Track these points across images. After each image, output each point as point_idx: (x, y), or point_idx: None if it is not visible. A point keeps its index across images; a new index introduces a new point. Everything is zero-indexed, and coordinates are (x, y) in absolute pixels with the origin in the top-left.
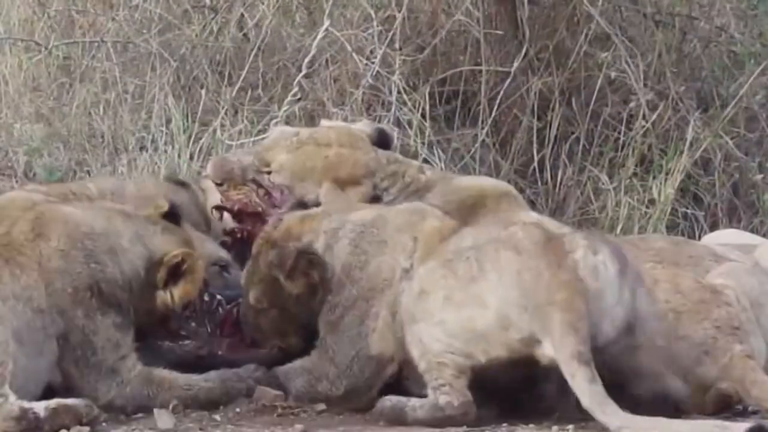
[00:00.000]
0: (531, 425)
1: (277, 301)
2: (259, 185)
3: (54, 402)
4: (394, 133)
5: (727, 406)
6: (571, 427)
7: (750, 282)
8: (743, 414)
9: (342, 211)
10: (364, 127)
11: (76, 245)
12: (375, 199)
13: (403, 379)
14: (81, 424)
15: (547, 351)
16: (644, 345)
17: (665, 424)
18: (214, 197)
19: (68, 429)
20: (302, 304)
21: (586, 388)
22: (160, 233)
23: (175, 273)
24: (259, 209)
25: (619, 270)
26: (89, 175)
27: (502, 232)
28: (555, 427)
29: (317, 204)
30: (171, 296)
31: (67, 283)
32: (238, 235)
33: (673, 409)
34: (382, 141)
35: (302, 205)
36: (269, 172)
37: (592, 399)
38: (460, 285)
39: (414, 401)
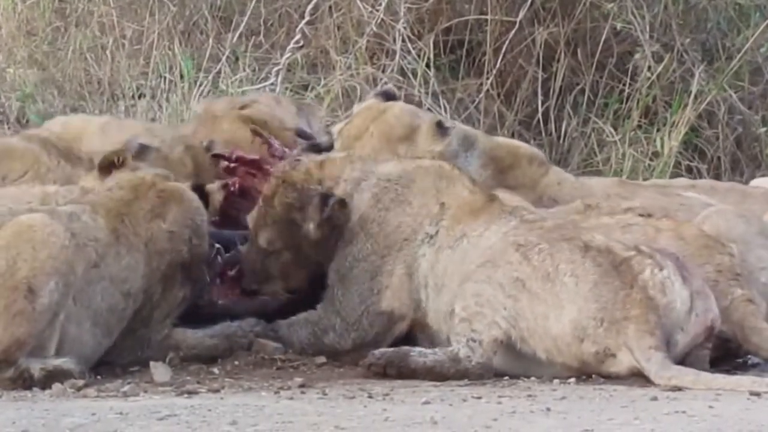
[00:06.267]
0: (532, 378)
1: (291, 243)
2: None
3: (50, 365)
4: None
5: (725, 351)
6: (572, 380)
7: (738, 222)
8: (744, 367)
9: (366, 161)
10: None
11: (187, 222)
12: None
13: (412, 339)
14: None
15: (623, 363)
16: None
17: (708, 378)
18: None
19: (61, 383)
20: (319, 247)
21: (651, 354)
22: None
23: None
24: (258, 158)
25: (683, 280)
26: None
27: (575, 238)
28: (556, 380)
29: (331, 146)
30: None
31: (165, 261)
32: (231, 188)
33: None
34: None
35: (316, 147)
36: None
37: (654, 362)
38: (536, 275)
39: (421, 349)
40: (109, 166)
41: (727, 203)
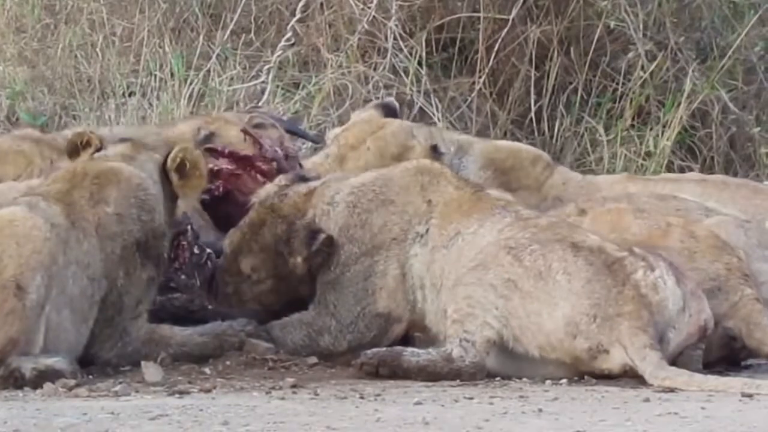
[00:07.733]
0: (524, 379)
1: (275, 273)
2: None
3: (42, 365)
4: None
5: (730, 349)
6: (564, 381)
7: (737, 234)
8: (736, 368)
9: (340, 180)
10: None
11: (130, 201)
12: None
13: (410, 342)
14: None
15: (615, 359)
16: None
17: (701, 379)
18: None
19: (53, 383)
20: (303, 282)
21: (646, 354)
22: (148, 159)
23: (182, 173)
24: (251, 154)
25: (676, 280)
26: (75, 120)
27: (567, 237)
28: (548, 381)
29: (315, 176)
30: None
31: (118, 244)
32: (216, 192)
33: None
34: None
35: (302, 178)
36: None
37: (649, 362)
38: (528, 275)
39: (414, 349)
40: (76, 149)
41: (738, 198)
